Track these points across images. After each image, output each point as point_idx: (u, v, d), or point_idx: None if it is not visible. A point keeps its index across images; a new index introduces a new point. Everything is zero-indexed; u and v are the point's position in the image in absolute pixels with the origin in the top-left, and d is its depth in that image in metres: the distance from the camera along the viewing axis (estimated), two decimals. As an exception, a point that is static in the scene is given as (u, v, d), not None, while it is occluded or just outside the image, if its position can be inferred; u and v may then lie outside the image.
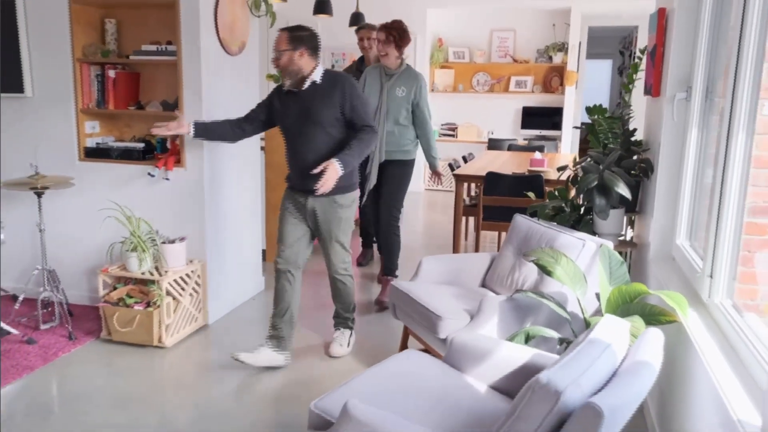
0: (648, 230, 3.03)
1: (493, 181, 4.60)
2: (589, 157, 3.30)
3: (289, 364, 3.18)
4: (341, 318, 3.38)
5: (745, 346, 1.79)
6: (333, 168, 2.86)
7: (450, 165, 6.38)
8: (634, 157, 3.18)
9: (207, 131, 3.20)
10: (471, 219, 5.72)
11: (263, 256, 4.61)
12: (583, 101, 8.39)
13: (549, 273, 2.42)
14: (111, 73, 3.68)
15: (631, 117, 3.48)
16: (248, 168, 4.04)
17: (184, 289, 3.45)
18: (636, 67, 3.42)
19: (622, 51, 10.75)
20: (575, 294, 2.43)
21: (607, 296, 2.38)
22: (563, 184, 3.71)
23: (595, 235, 3.10)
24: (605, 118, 3.38)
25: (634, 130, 3.35)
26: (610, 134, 3.36)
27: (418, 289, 2.97)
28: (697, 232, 2.65)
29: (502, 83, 8.34)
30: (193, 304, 3.54)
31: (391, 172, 4.13)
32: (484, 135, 8.39)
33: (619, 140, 3.31)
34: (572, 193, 3.52)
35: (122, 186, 3.70)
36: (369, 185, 4.15)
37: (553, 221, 3.28)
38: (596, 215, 3.10)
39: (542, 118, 8.20)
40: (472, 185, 5.37)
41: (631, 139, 3.29)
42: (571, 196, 3.50)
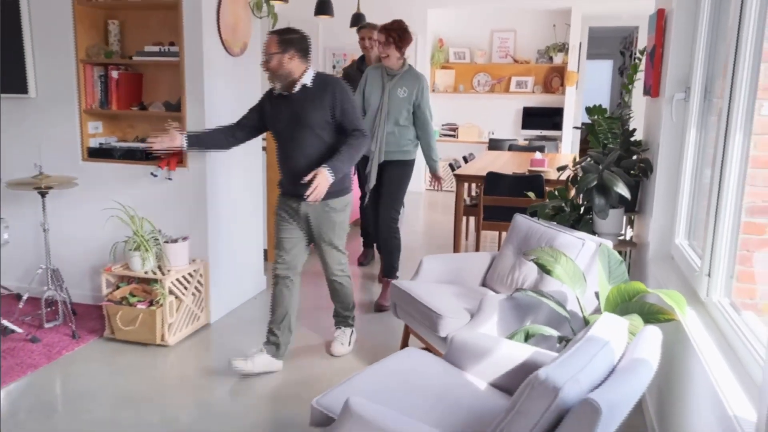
0: (647, 230, 3.05)
1: (494, 181, 4.61)
2: (589, 157, 3.32)
3: (286, 366, 3.19)
4: (341, 317, 3.39)
5: (742, 343, 1.80)
6: (323, 175, 2.82)
7: (450, 165, 6.40)
8: (634, 157, 3.19)
9: (200, 142, 3.15)
10: (471, 219, 5.74)
11: (265, 255, 4.63)
12: (584, 102, 8.41)
13: (548, 272, 2.44)
14: (114, 74, 3.70)
15: (630, 117, 3.49)
16: (250, 168, 4.06)
17: (186, 288, 3.47)
18: (636, 68, 3.44)
19: (622, 51, 10.76)
20: (575, 293, 2.44)
21: (606, 295, 2.40)
22: (563, 184, 3.73)
23: (595, 234, 3.12)
24: (605, 118, 3.40)
25: (634, 130, 3.36)
26: (610, 134, 3.37)
27: (418, 288, 2.99)
28: (695, 231, 2.67)
29: (502, 83, 8.36)
30: (195, 303, 3.57)
31: (391, 173, 4.11)
32: (485, 135, 8.41)
33: (618, 140, 3.32)
34: (572, 192, 3.54)
35: (125, 186, 3.73)
36: (368, 186, 4.15)
37: (553, 221, 3.30)
38: (596, 215, 3.11)
39: (543, 119, 8.22)
40: (473, 185, 5.39)
41: (630, 140, 3.30)
42: (570, 196, 3.52)
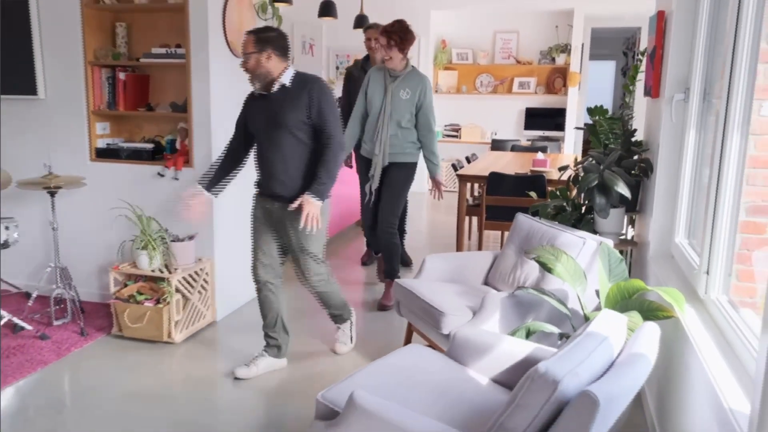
0: (648, 229, 3.08)
1: (496, 182, 4.64)
2: (590, 157, 3.35)
3: (290, 363, 3.22)
4: (335, 316, 3.34)
5: (739, 339, 1.83)
6: (310, 204, 2.81)
7: (453, 165, 6.44)
8: (635, 157, 3.23)
9: (218, 179, 3.08)
10: (474, 218, 5.78)
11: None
12: (587, 102, 8.44)
13: (550, 270, 2.48)
14: (121, 76, 3.76)
15: (631, 117, 3.53)
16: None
17: (192, 287, 3.52)
18: (636, 69, 3.48)
19: (625, 52, 10.78)
20: (575, 291, 2.48)
21: (607, 292, 2.43)
22: (564, 184, 3.77)
23: (596, 234, 3.15)
24: (606, 118, 3.44)
25: (635, 130, 3.39)
26: (611, 135, 3.41)
27: (421, 287, 3.02)
28: (695, 230, 2.69)
29: (505, 84, 8.40)
30: (201, 301, 3.61)
31: (392, 176, 4.08)
32: (488, 136, 8.45)
33: (619, 140, 3.36)
34: (573, 192, 3.57)
35: (132, 185, 3.78)
36: (372, 186, 4.15)
37: (554, 220, 3.33)
38: (597, 214, 3.15)
39: (545, 119, 8.25)
40: (476, 185, 5.43)
41: (631, 140, 3.34)
42: (572, 196, 3.55)
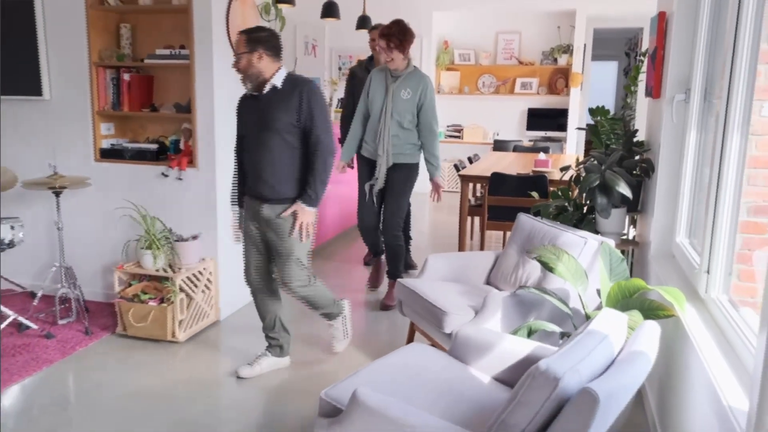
0: (649, 229, 3.09)
1: (498, 182, 4.66)
2: (592, 157, 3.37)
3: (293, 362, 3.24)
4: (325, 314, 3.28)
5: (739, 338, 1.85)
6: (303, 212, 2.82)
7: (456, 166, 6.45)
8: (636, 158, 3.24)
9: (244, 192, 3.08)
10: (476, 219, 5.79)
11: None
12: (589, 103, 8.43)
13: (551, 269, 2.49)
14: (126, 77, 3.78)
15: (632, 118, 3.54)
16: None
17: (196, 286, 3.54)
18: (638, 69, 3.49)
19: (627, 52, 10.78)
20: (577, 290, 2.50)
21: (608, 292, 2.44)
22: (566, 184, 3.78)
23: (598, 233, 3.16)
24: (607, 119, 3.45)
25: (636, 130, 3.41)
26: (612, 135, 3.42)
27: (424, 286, 3.04)
28: (696, 230, 2.71)
29: (507, 85, 8.41)
30: (205, 300, 3.64)
31: (394, 177, 4.08)
32: (490, 136, 8.46)
33: (621, 141, 3.37)
34: (575, 192, 3.59)
35: (137, 186, 3.81)
36: (375, 188, 4.16)
37: (556, 220, 3.35)
38: (598, 214, 3.16)
39: (547, 120, 8.26)
40: (478, 185, 5.45)
41: (632, 140, 3.35)
42: (573, 196, 3.57)
